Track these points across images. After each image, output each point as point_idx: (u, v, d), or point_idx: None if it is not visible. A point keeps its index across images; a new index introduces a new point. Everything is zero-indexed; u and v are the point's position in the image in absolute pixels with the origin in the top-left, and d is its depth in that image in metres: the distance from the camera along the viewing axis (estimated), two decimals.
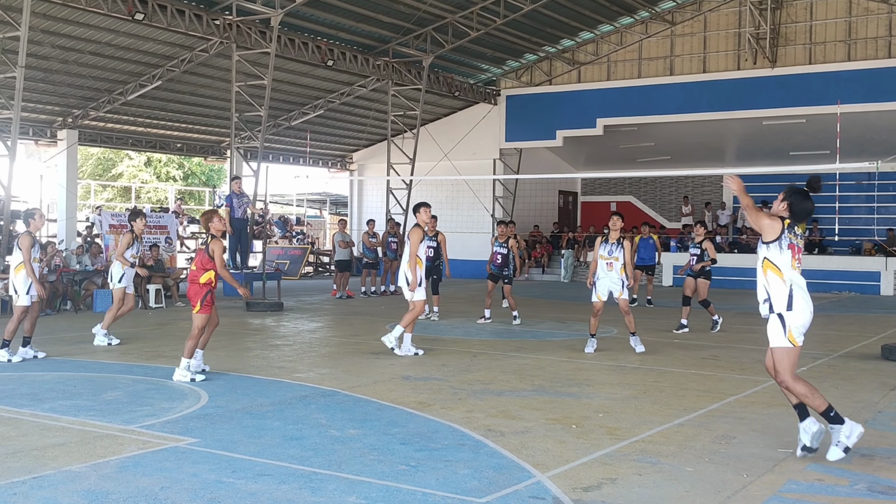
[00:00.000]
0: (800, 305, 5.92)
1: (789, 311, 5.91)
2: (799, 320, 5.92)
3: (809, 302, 6.00)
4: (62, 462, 5.73)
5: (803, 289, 6.00)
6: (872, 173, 25.01)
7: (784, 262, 5.99)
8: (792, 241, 6.03)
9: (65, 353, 10.82)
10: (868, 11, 23.40)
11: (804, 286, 6.04)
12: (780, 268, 5.99)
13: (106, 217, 19.78)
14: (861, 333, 13.99)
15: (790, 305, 5.91)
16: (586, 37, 26.70)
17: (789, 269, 5.98)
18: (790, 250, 6.00)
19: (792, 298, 5.92)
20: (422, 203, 11.26)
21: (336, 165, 32.11)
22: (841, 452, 5.88)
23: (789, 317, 5.92)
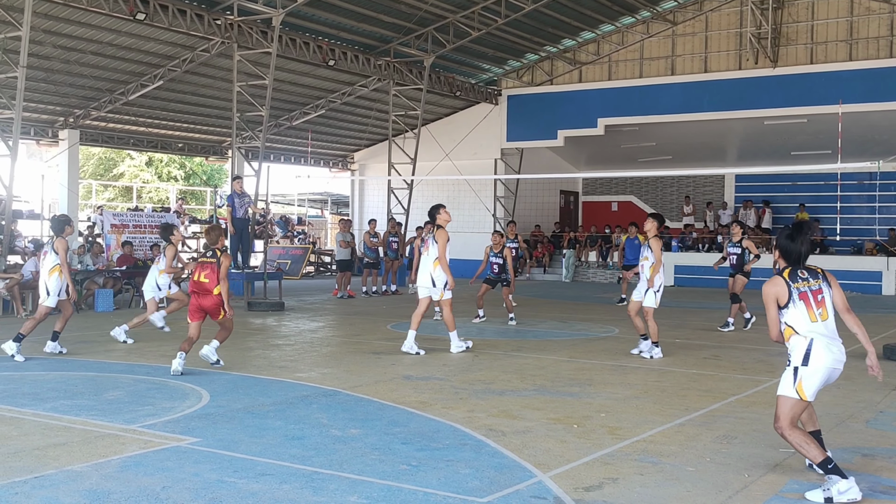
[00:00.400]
0: (818, 361, 5.40)
1: (804, 367, 5.42)
2: (814, 377, 5.40)
3: (834, 353, 5.43)
4: (64, 462, 5.74)
5: (829, 338, 5.46)
6: (874, 173, 24.97)
7: (799, 318, 5.50)
8: (801, 290, 5.56)
9: (66, 353, 10.82)
10: (869, 11, 23.39)
11: (830, 335, 5.48)
12: (797, 328, 5.50)
13: (107, 217, 19.78)
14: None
15: (806, 360, 5.41)
16: (587, 36, 26.69)
17: (807, 323, 5.48)
18: (803, 301, 5.53)
19: (810, 353, 5.41)
20: (440, 204, 11.47)
21: (337, 165, 32.12)
22: (821, 497, 5.15)
23: (804, 371, 5.42)
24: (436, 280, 11.12)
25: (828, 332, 5.49)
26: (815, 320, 5.47)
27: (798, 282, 5.57)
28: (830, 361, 5.41)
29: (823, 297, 5.56)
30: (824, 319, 5.50)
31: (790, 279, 5.58)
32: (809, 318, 5.48)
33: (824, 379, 5.43)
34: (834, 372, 5.47)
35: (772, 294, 5.57)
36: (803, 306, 5.51)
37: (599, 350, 11.61)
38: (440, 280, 11.11)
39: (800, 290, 5.54)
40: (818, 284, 5.60)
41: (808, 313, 5.49)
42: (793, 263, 5.70)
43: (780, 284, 5.57)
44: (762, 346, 12.04)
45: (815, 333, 5.44)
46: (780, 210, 28.37)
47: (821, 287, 5.60)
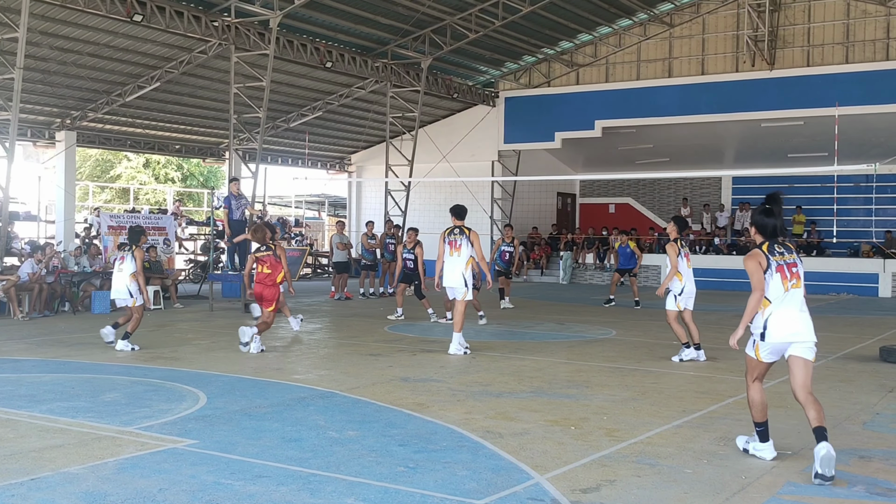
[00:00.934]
0: (772, 337, 5.93)
1: (761, 341, 5.99)
2: (768, 348, 5.98)
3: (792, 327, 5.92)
4: (60, 464, 5.72)
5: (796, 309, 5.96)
6: (870, 175, 25.04)
7: (774, 288, 5.97)
8: (779, 262, 6.01)
9: (63, 355, 10.81)
10: (866, 14, 23.44)
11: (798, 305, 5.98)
12: (770, 297, 5.97)
13: (104, 218, 19.76)
14: (859, 335, 14.00)
15: (763, 336, 5.98)
16: (585, 39, 26.73)
17: (780, 294, 5.96)
18: (779, 273, 5.98)
19: (766, 329, 5.95)
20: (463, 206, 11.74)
21: (335, 167, 32.11)
22: (742, 447, 6.18)
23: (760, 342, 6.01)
24: (467, 280, 11.15)
25: (796, 301, 5.98)
26: (787, 290, 5.97)
27: (776, 255, 6.04)
28: (786, 336, 5.91)
29: (797, 270, 6.07)
30: (796, 288, 6.00)
31: (769, 252, 6.05)
32: (783, 288, 5.96)
33: (780, 350, 5.97)
34: (792, 346, 5.93)
35: (755, 263, 6.01)
36: (779, 277, 5.98)
37: (597, 352, 11.61)
38: (469, 280, 11.19)
39: (777, 263, 6.01)
40: (793, 258, 6.10)
41: (783, 283, 5.97)
42: (769, 237, 6.14)
43: (761, 256, 6.02)
44: None
45: (783, 304, 5.94)
46: None
47: (795, 261, 6.10)
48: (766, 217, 6.20)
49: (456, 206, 11.70)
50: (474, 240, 11.25)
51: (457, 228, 11.41)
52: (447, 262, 11.34)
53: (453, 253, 11.30)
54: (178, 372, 9.55)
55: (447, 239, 11.40)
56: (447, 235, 11.43)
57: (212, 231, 22.40)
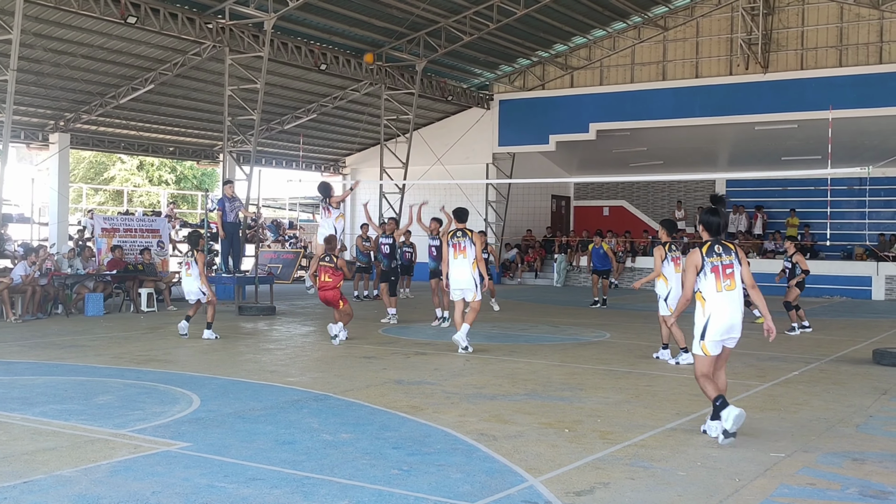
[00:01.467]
0: (712, 335, 6.64)
1: (701, 340, 6.68)
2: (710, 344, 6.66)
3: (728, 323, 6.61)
4: (53, 466, 5.71)
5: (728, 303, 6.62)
6: (864, 178, 25.10)
7: (709, 287, 6.64)
8: (715, 263, 6.66)
9: (56, 357, 10.78)
10: (859, 17, 23.51)
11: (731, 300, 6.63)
12: (705, 296, 6.65)
13: (98, 221, 19.71)
14: (852, 338, 14.03)
15: (703, 335, 6.66)
16: (579, 42, 26.77)
17: (713, 293, 6.63)
18: (713, 274, 6.64)
19: (706, 328, 6.64)
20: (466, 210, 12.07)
21: (329, 169, 32.09)
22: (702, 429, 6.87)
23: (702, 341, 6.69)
24: (476, 280, 11.41)
25: (731, 301, 6.62)
26: (720, 290, 6.61)
27: (712, 256, 6.68)
28: (722, 335, 6.64)
29: (732, 272, 6.65)
30: (730, 290, 6.61)
31: (706, 254, 6.70)
32: (716, 288, 6.61)
33: (721, 344, 6.69)
34: (728, 340, 6.72)
35: (692, 264, 6.68)
36: (713, 277, 6.63)
37: (591, 355, 11.61)
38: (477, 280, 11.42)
39: (712, 264, 6.66)
40: (730, 260, 6.69)
41: (716, 283, 6.62)
42: (714, 234, 6.84)
43: (698, 257, 6.68)
44: (752, 352, 12.06)
45: (718, 303, 6.59)
46: (772, 215, 28.48)
47: (731, 262, 6.69)
48: (711, 216, 6.90)
49: (458, 209, 12.01)
50: (477, 241, 11.53)
51: (459, 231, 11.65)
52: (454, 264, 11.54)
53: (458, 255, 11.51)
54: (172, 374, 9.53)
55: (451, 242, 11.61)
56: (450, 238, 11.64)
57: (206, 233, 22.36)
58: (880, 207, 27.00)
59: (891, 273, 23.89)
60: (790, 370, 10.31)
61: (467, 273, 11.44)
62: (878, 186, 26.25)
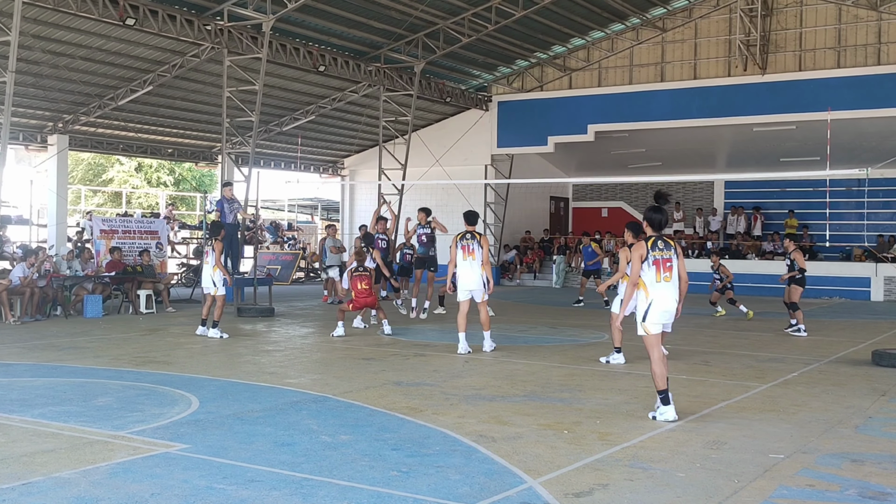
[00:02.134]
0: (653, 317, 7.45)
1: (644, 322, 7.47)
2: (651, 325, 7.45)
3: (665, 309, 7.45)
4: (52, 468, 5.70)
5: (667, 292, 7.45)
6: (862, 180, 25.10)
7: (650, 277, 7.44)
8: (657, 257, 7.46)
9: (55, 359, 10.77)
10: (857, 18, 23.53)
11: (669, 290, 7.46)
12: (647, 285, 7.44)
13: (96, 222, 19.69)
14: (851, 339, 14.03)
15: (645, 317, 7.46)
16: (577, 43, 26.77)
17: (654, 283, 7.43)
18: (655, 266, 7.45)
19: (648, 311, 7.45)
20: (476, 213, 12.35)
21: (328, 171, 32.09)
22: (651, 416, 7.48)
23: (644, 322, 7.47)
24: (485, 282, 11.61)
25: (668, 290, 7.47)
26: (659, 281, 7.44)
27: (656, 251, 7.47)
28: (661, 316, 7.48)
29: (671, 265, 7.50)
30: (668, 281, 7.47)
31: (651, 248, 7.48)
32: (656, 279, 7.43)
33: (660, 326, 7.49)
34: (666, 325, 7.58)
35: (638, 255, 7.48)
36: (654, 269, 7.44)
37: (590, 356, 11.61)
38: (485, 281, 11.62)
39: (655, 257, 7.45)
40: (670, 254, 7.52)
41: (657, 275, 7.44)
42: (657, 230, 7.58)
43: (644, 249, 7.47)
44: (751, 353, 12.08)
45: (657, 291, 7.43)
46: (770, 216, 28.50)
47: (671, 257, 7.53)
48: (655, 213, 7.64)
49: (469, 212, 12.15)
50: (484, 244, 11.70)
51: (469, 233, 11.78)
52: (462, 266, 11.68)
53: (467, 257, 11.66)
54: (171, 376, 9.53)
55: (460, 244, 11.72)
56: (459, 240, 11.76)
57: (204, 235, 22.36)
58: (879, 208, 27.01)
59: (889, 274, 23.91)
60: (789, 371, 10.31)
61: (476, 275, 11.63)
62: (876, 188, 26.26)
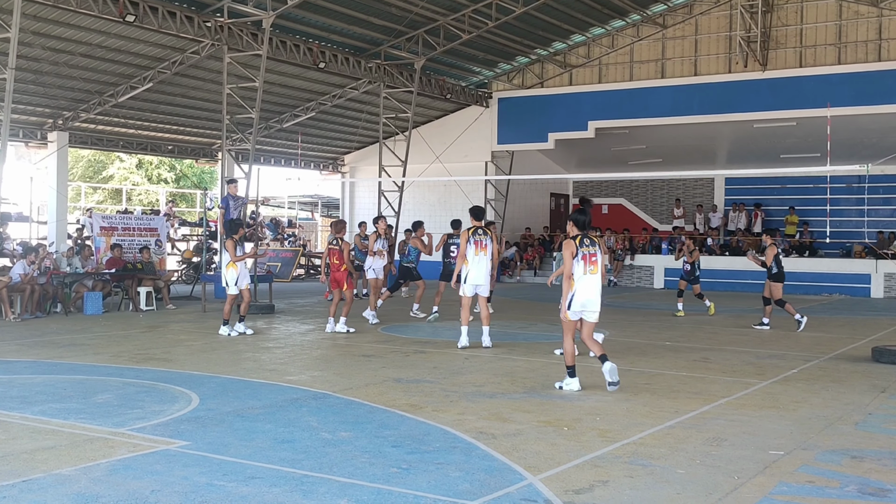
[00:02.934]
0: (575, 305, 8.50)
1: (568, 310, 8.52)
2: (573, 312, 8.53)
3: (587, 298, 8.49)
4: (52, 465, 5.71)
5: (589, 284, 8.49)
6: (862, 176, 25.07)
7: (577, 270, 8.47)
8: (584, 252, 8.49)
9: (55, 356, 10.78)
10: (858, 15, 23.50)
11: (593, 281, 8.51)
12: (574, 277, 8.45)
13: (96, 219, 19.69)
14: (851, 336, 14.04)
15: (569, 305, 8.51)
16: (578, 40, 26.75)
17: (580, 275, 8.47)
18: (583, 261, 8.48)
19: (572, 300, 8.48)
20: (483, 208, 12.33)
21: (328, 168, 32.08)
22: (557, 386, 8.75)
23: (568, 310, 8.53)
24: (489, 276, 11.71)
25: (591, 282, 8.50)
26: (585, 274, 8.48)
27: (584, 247, 8.52)
28: (582, 305, 8.51)
29: (596, 259, 8.55)
30: (593, 274, 8.52)
31: (580, 245, 8.50)
32: (582, 272, 8.47)
33: (580, 314, 8.57)
34: (587, 313, 8.58)
35: (569, 252, 8.48)
36: (582, 264, 8.48)
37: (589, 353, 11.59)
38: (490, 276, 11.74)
39: (583, 253, 8.50)
40: (594, 250, 8.59)
41: (584, 268, 8.48)
42: (581, 229, 8.60)
43: (573, 246, 8.48)
44: (751, 349, 12.08)
45: (581, 283, 8.47)
46: (771, 213, 28.49)
47: (595, 252, 8.57)
48: (580, 215, 8.67)
49: (475, 208, 12.04)
50: (494, 239, 11.84)
51: (479, 229, 11.73)
52: (474, 261, 11.60)
53: (479, 252, 11.61)
54: (171, 373, 9.53)
55: (472, 239, 11.63)
56: (471, 236, 11.65)
57: (204, 232, 22.36)
58: (879, 205, 27.00)
59: (889, 271, 23.91)
60: (789, 368, 10.32)
61: (486, 270, 11.66)
62: (876, 184, 26.25)
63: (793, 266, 25.39)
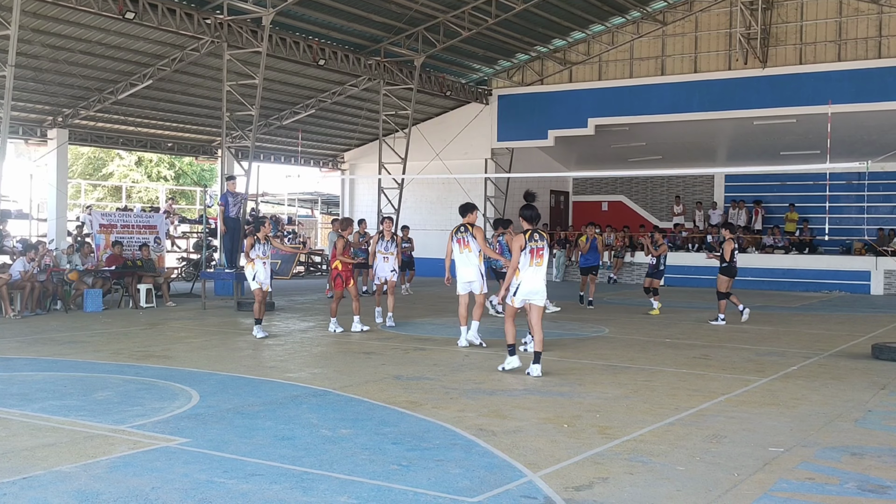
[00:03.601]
0: (520, 294, 9.33)
1: (513, 295, 9.38)
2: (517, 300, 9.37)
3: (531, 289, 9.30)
4: (52, 462, 5.71)
5: (534, 275, 9.29)
6: (862, 173, 25.07)
7: (524, 262, 9.26)
8: (532, 246, 9.28)
9: (55, 353, 10.78)
10: (858, 12, 23.48)
11: (537, 273, 9.30)
12: (521, 269, 9.25)
13: (96, 217, 19.68)
14: (851, 333, 14.04)
15: (515, 292, 9.36)
16: (578, 37, 26.72)
17: (526, 267, 9.27)
18: (530, 254, 9.28)
19: (517, 291, 9.34)
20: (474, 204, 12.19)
21: (328, 165, 32.07)
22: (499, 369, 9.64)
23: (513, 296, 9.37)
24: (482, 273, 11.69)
25: (536, 274, 9.32)
26: (531, 265, 9.28)
27: (532, 242, 9.31)
28: (527, 294, 9.33)
29: (542, 253, 9.35)
30: (538, 266, 9.31)
31: (528, 239, 9.30)
32: (529, 264, 9.27)
33: (524, 301, 9.38)
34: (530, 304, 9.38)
35: (517, 245, 9.30)
36: (528, 256, 9.27)
37: (589, 350, 11.62)
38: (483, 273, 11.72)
39: (531, 247, 9.29)
40: (541, 245, 9.35)
41: (530, 261, 9.27)
42: (530, 224, 9.37)
43: (522, 241, 9.29)
44: (751, 346, 12.08)
45: (527, 273, 9.27)
46: (771, 210, 28.48)
47: (542, 247, 9.36)
48: (528, 211, 9.48)
49: (463, 205, 12.06)
50: (478, 235, 11.66)
51: (463, 226, 11.77)
52: (459, 259, 11.73)
53: (463, 250, 11.69)
54: (171, 370, 9.54)
55: (455, 237, 11.76)
56: (454, 234, 11.79)
57: (204, 229, 22.35)
58: (879, 202, 26.98)
59: (889, 268, 23.90)
60: (789, 365, 10.32)
61: (473, 267, 11.68)
62: (876, 181, 26.24)
63: (793, 263, 25.46)
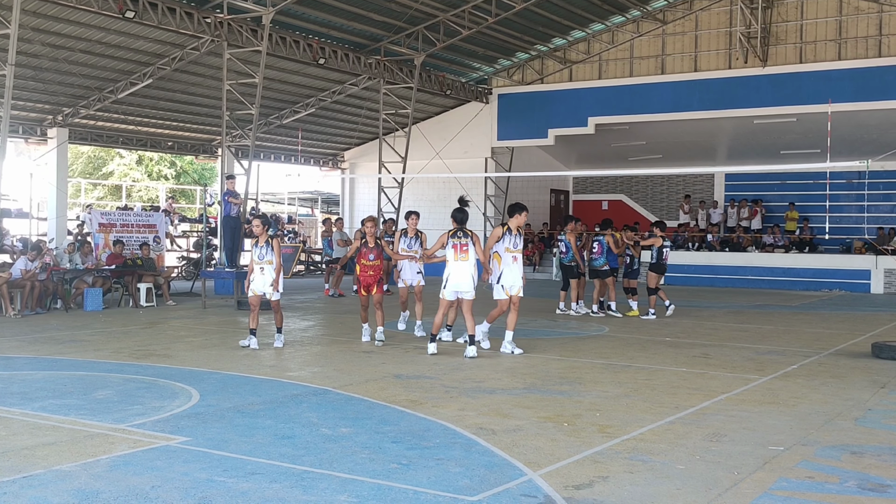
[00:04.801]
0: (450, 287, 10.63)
1: (444, 288, 10.71)
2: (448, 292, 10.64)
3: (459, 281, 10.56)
4: (52, 461, 5.71)
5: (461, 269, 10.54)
6: (862, 172, 25.09)
7: (450, 256, 10.60)
8: (455, 242, 10.65)
9: (55, 352, 10.78)
10: (858, 11, 23.48)
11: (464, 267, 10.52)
12: (449, 261, 10.64)
13: (95, 216, 19.70)
14: (851, 331, 14.04)
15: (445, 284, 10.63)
16: (578, 35, 26.72)
17: (452, 261, 10.60)
18: (453, 248, 10.60)
19: (447, 282, 10.64)
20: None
21: (328, 164, 32.07)
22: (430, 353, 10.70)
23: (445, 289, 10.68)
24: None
25: (462, 268, 10.55)
26: (457, 259, 10.55)
27: (455, 238, 10.63)
28: (457, 286, 10.59)
29: (466, 248, 10.60)
30: (464, 261, 10.56)
31: (451, 237, 10.65)
32: (454, 258, 10.57)
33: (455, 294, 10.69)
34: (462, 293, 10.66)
35: (440, 242, 10.72)
36: (454, 251, 10.59)
37: (590, 349, 11.62)
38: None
39: (453, 242, 10.61)
40: (465, 241, 10.63)
41: (454, 255, 10.57)
42: (459, 224, 10.66)
43: (446, 237, 10.63)
44: (751, 345, 12.08)
45: (453, 267, 10.57)
46: (771, 209, 28.48)
47: (466, 243, 10.63)
48: (458, 213, 10.82)
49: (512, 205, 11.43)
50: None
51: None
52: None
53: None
54: (171, 369, 9.53)
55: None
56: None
57: (204, 228, 22.37)
58: (879, 201, 26.99)
59: (889, 266, 23.90)
60: (789, 364, 10.32)
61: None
62: (876, 180, 26.25)
63: (793, 262, 25.45)
